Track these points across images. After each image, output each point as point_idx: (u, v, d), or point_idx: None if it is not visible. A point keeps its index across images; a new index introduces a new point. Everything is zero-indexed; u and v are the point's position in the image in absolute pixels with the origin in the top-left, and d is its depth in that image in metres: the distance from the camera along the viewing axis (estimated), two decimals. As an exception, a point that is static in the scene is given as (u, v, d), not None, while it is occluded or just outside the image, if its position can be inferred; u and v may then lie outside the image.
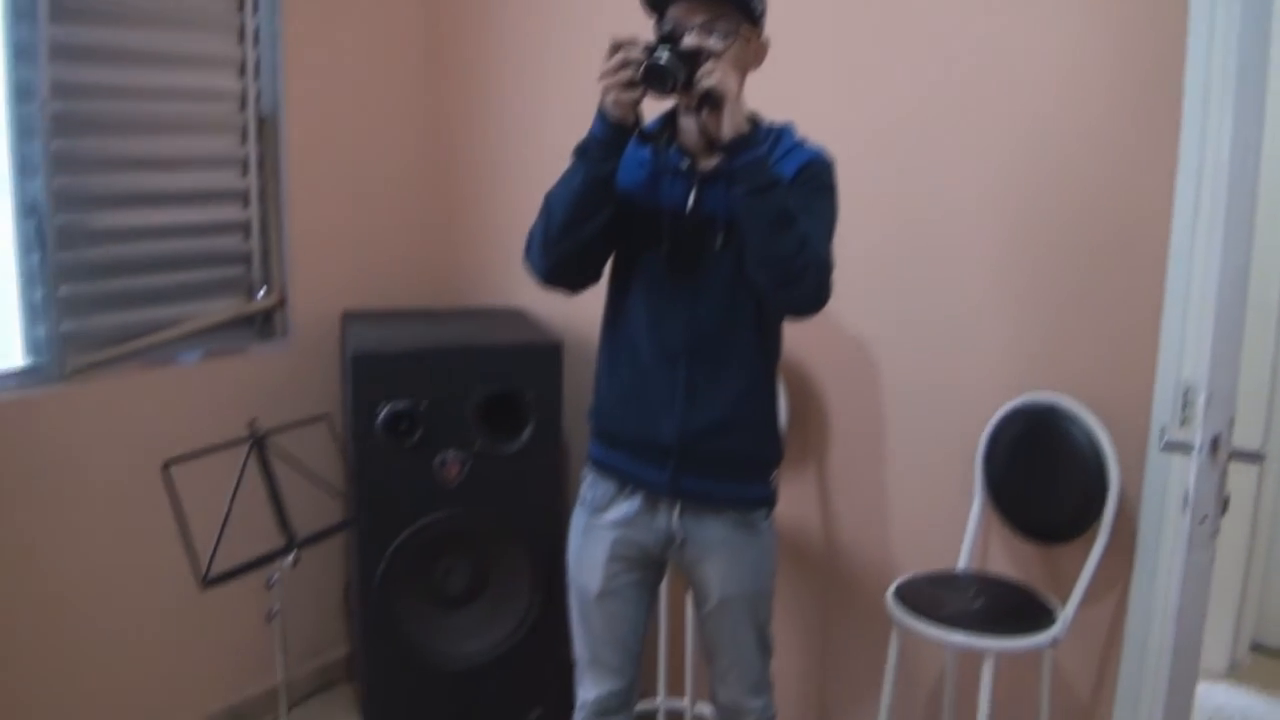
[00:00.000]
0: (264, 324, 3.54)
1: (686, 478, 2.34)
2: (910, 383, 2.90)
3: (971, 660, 2.69)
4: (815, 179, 2.24)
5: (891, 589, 2.63)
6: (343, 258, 3.67)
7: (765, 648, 2.50)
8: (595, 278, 2.37)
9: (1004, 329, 2.74)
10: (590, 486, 2.48)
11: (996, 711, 2.58)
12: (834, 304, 2.23)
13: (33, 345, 3.02)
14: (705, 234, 2.26)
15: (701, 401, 2.31)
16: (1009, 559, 2.79)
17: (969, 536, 2.77)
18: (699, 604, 2.47)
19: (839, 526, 3.06)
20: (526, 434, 3.15)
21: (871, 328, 2.94)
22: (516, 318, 3.54)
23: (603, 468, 2.45)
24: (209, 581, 2.50)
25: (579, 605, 2.52)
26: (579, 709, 2.59)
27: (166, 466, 2.52)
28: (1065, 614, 2.53)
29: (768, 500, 2.43)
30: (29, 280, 2.99)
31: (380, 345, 3.12)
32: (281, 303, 3.51)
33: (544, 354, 3.17)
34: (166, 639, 3.35)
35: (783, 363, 2.47)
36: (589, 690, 2.56)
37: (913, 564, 2.87)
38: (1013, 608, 2.58)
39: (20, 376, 3.00)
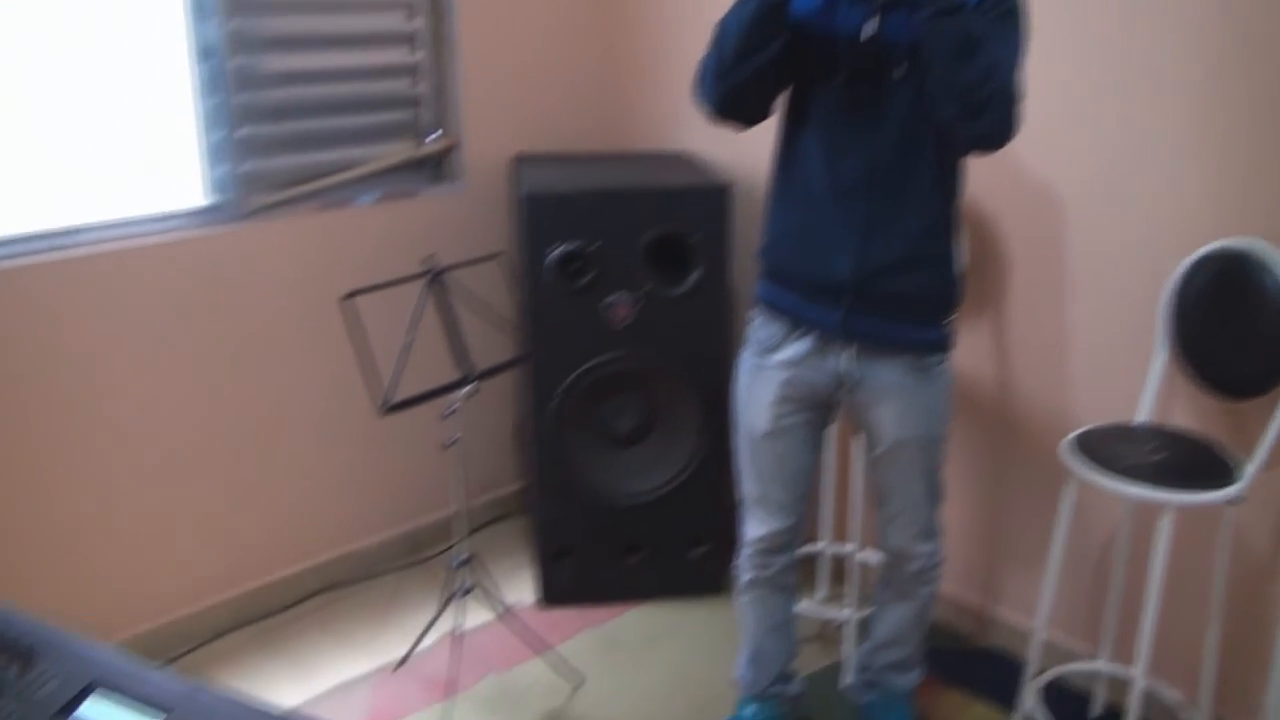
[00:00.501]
0: (437, 168, 3.59)
1: (860, 319, 2.30)
2: (1096, 227, 2.78)
3: (1147, 516, 2.62)
4: (1003, 2, 2.13)
5: (1068, 440, 2.57)
6: (514, 102, 3.67)
7: (935, 493, 2.48)
8: (766, 112, 2.32)
9: (1202, 170, 2.59)
10: (760, 327, 2.46)
11: (1171, 571, 2.52)
12: (1018, 140, 2.14)
13: (214, 185, 3.14)
14: (885, 63, 2.18)
15: (878, 239, 2.26)
16: (1191, 413, 2.69)
17: (1150, 389, 2.67)
18: (870, 447, 2.46)
19: (1014, 376, 2.99)
20: (694, 276, 3.14)
21: (1057, 167, 2.81)
22: (684, 161, 3.51)
23: (773, 308, 2.43)
24: (389, 408, 2.59)
25: (747, 444, 2.53)
26: (744, 546, 2.63)
27: (349, 297, 2.60)
28: (1248, 472, 2.43)
29: (943, 344, 2.38)
30: (209, 122, 3.10)
31: (552, 186, 3.14)
32: (453, 146, 3.55)
33: (712, 196, 3.14)
34: (347, 467, 3.51)
35: (961, 204, 2.38)
36: (755, 528, 2.59)
37: (1090, 416, 2.79)
38: (1193, 463, 2.49)
39: (203, 215, 3.13)
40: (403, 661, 3.07)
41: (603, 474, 3.31)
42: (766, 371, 2.44)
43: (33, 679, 1.46)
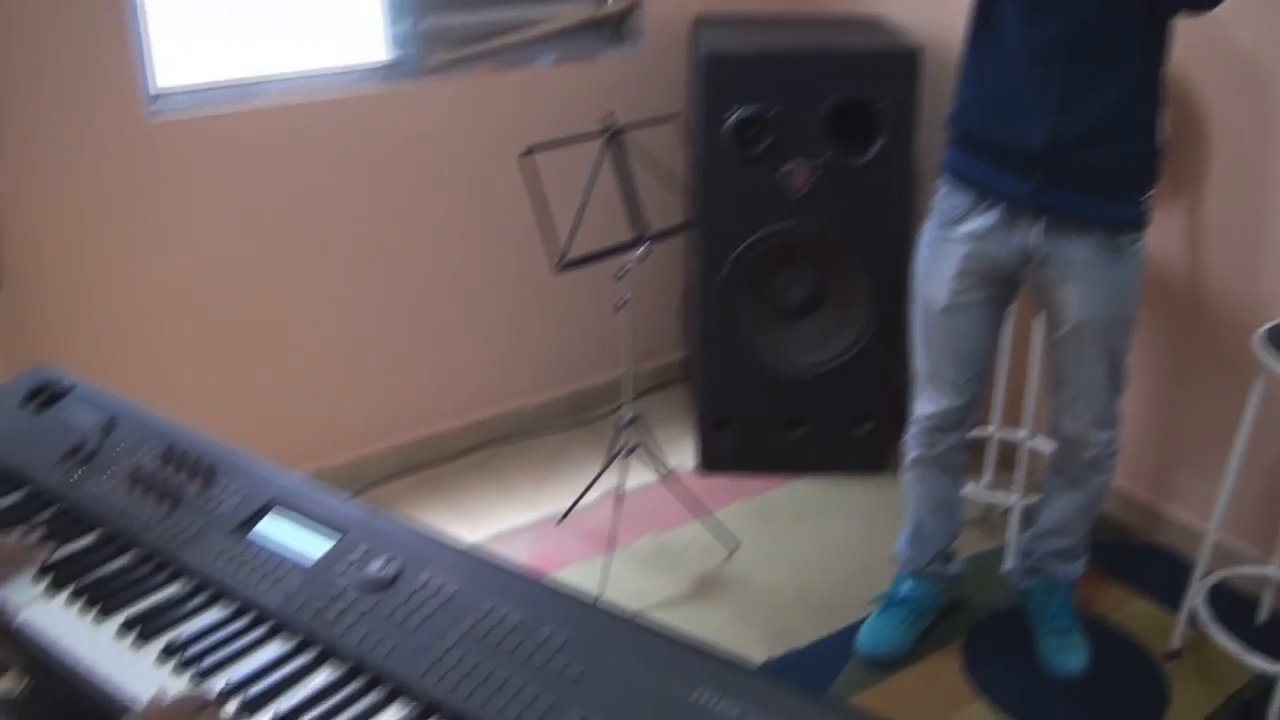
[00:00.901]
0: (616, 28, 3.53)
1: (1052, 191, 2.19)
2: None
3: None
4: None
5: (1261, 331, 2.42)
6: (696, -40, 3.57)
7: (1117, 379, 2.38)
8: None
9: None
10: (945, 197, 2.37)
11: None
12: (1228, 8, 1.97)
13: (395, 41, 3.16)
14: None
15: (1076, 107, 2.13)
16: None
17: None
18: (1051, 328, 2.37)
19: (1207, 262, 2.82)
20: (877, 145, 3.04)
21: (1268, 42, 2.60)
22: (874, 25, 3.37)
23: (961, 177, 2.33)
24: (564, 266, 2.59)
25: (923, 318, 2.46)
26: (913, 422, 2.58)
27: (527, 153, 2.59)
28: None
29: (1138, 222, 2.26)
30: (393, -25, 3.11)
31: (732, 48, 3.05)
32: (634, 7, 3.48)
33: (901, 61, 3.01)
34: (518, 325, 3.56)
35: (1166, 72, 2.22)
36: (925, 405, 2.53)
37: (1289, 309, 2.63)
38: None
39: (383, 71, 3.15)
40: (565, 515, 3.14)
41: (769, 345, 3.27)
42: (949, 244, 2.36)
43: (213, 496, 1.52)
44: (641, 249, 2.73)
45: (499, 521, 3.15)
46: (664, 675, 1.17)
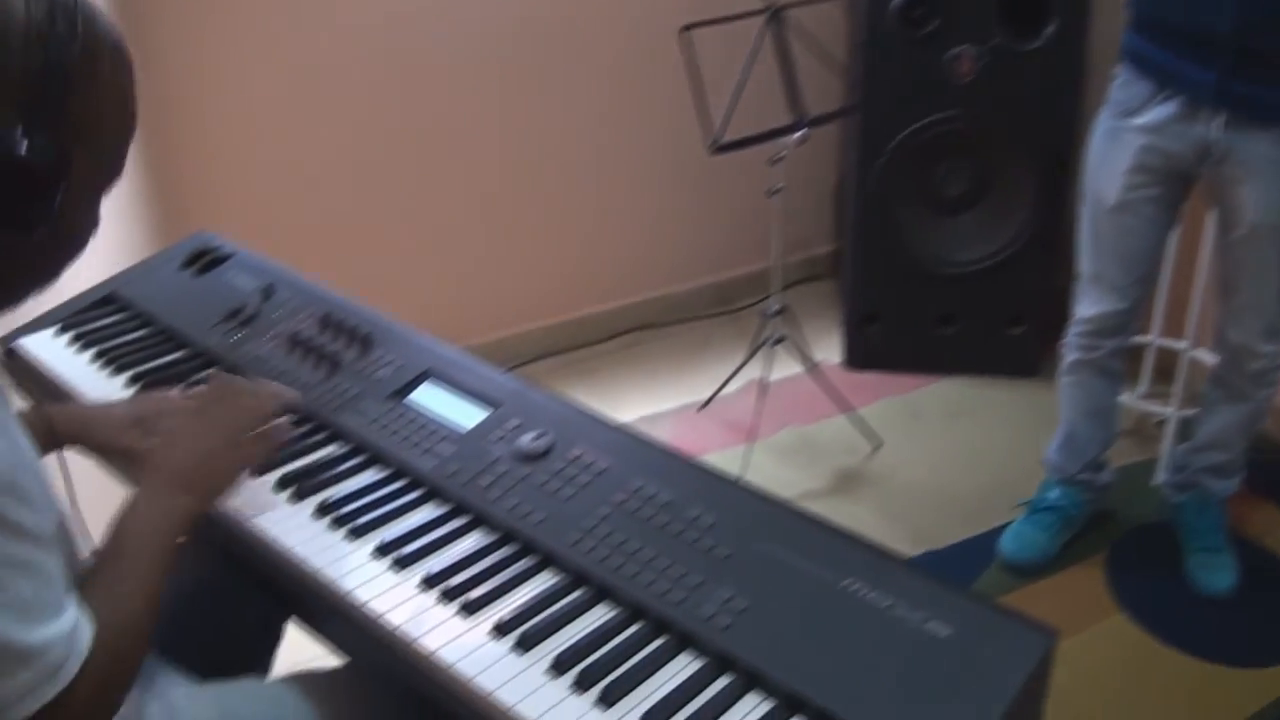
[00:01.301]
0: (780, -97, 3.40)
1: (1238, 81, 2.05)
2: None
3: None
4: None
5: None
6: None
7: (1292, 288, 2.25)
8: None
9: None
10: (1121, 87, 2.24)
11: None
12: None
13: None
14: None
15: (1269, -14, 1.97)
16: None
17: None
18: (1225, 230, 2.24)
19: None
20: (1050, 29, 2.88)
21: None
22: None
23: (1139, 64, 2.19)
24: (719, 148, 2.54)
25: (1091, 216, 2.35)
26: (1074, 325, 2.48)
27: (687, 29, 2.53)
28: None
29: (1332, 118, 2.10)
30: None
31: (902, -76, 2.92)
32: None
33: (1081, -60, 2.84)
34: (668, 210, 3.53)
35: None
36: (1087, 307, 2.43)
37: None
38: None
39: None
40: (708, 402, 3.13)
41: (924, 239, 3.18)
42: (1124, 135, 2.23)
43: (370, 363, 1.54)
44: (799, 134, 2.66)
45: (641, 406, 3.16)
46: (813, 561, 1.15)
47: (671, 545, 1.19)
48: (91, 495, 1.54)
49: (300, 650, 1.53)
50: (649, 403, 3.19)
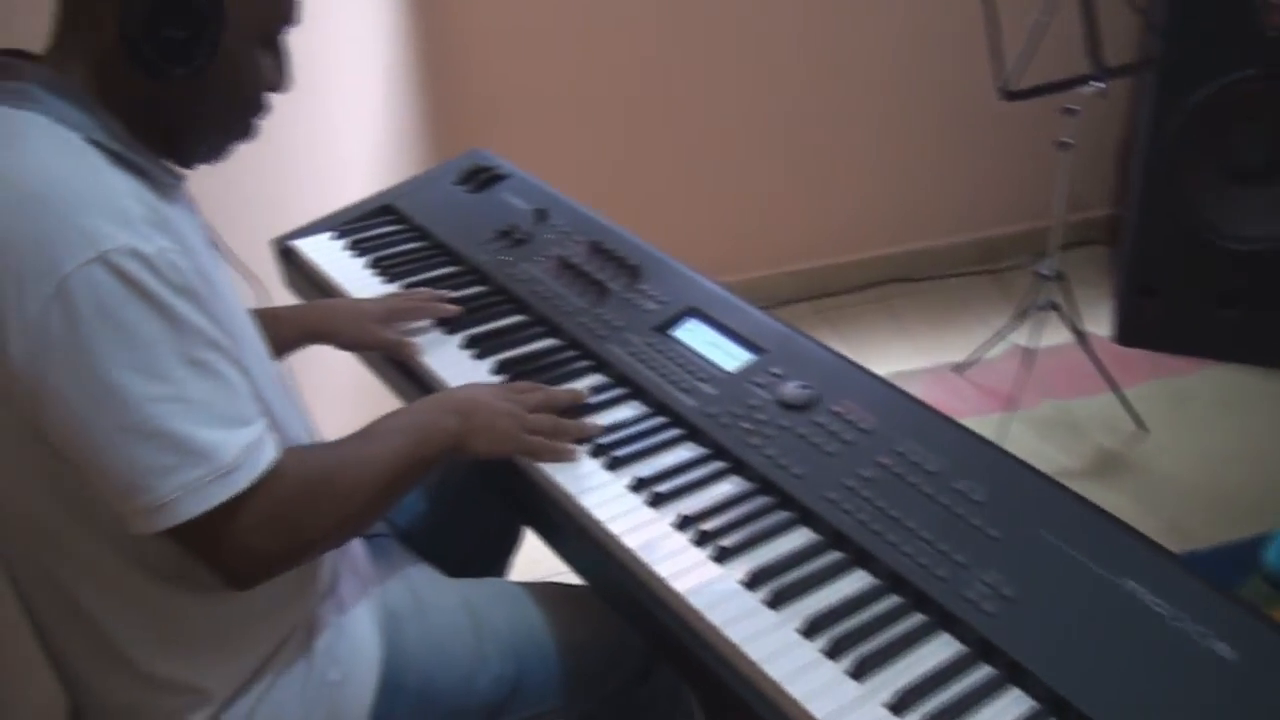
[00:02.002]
0: None
1: None
2: None
3: None
4: None
5: None
6: None
7: None
8: None
9: None
10: None
11: None
12: None
13: None
14: None
15: None
16: None
17: None
18: None
19: None
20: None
21: None
22: None
23: None
24: (1011, 95, 2.40)
25: None
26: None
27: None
28: None
29: None
30: None
31: None
32: None
33: None
34: (939, 157, 3.39)
35: None
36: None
37: None
38: None
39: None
40: (966, 365, 3.01)
41: (1216, 210, 2.91)
42: None
43: (638, 294, 1.52)
44: (1096, 85, 2.48)
45: (893, 362, 3.06)
46: (1091, 555, 1.07)
47: (937, 518, 1.13)
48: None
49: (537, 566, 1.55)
50: (901, 358, 3.08)
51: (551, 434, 1.27)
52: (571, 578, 1.31)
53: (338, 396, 2.09)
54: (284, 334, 1.43)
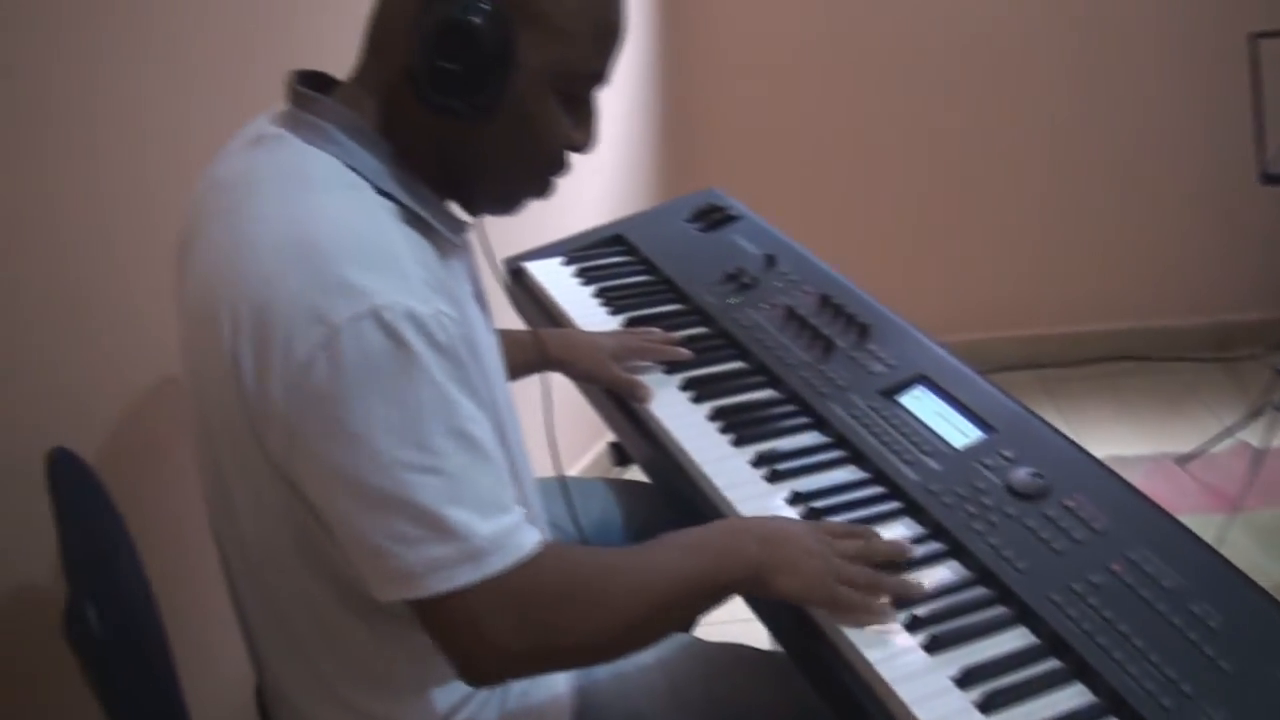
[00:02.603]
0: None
1: None
2: None
3: None
4: None
5: None
6: None
7: None
8: None
9: None
10: None
11: None
12: None
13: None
14: None
15: None
16: None
17: None
18: None
19: None
20: None
21: None
22: None
23: None
24: (1270, 178, 2.28)
25: None
26: None
27: (1254, 37, 2.28)
28: None
29: None
30: None
31: None
32: None
33: None
34: (1187, 232, 3.23)
35: None
36: None
37: None
38: None
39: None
40: (1189, 457, 2.84)
41: None
42: None
43: (865, 353, 1.48)
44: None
45: (1112, 444, 2.91)
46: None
47: (1166, 639, 1.05)
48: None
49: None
50: (1122, 442, 2.93)
51: (866, 589, 1.10)
52: (758, 630, 1.27)
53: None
54: (524, 358, 1.44)
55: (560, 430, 1.41)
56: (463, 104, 0.98)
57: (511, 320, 1.78)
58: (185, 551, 1.35)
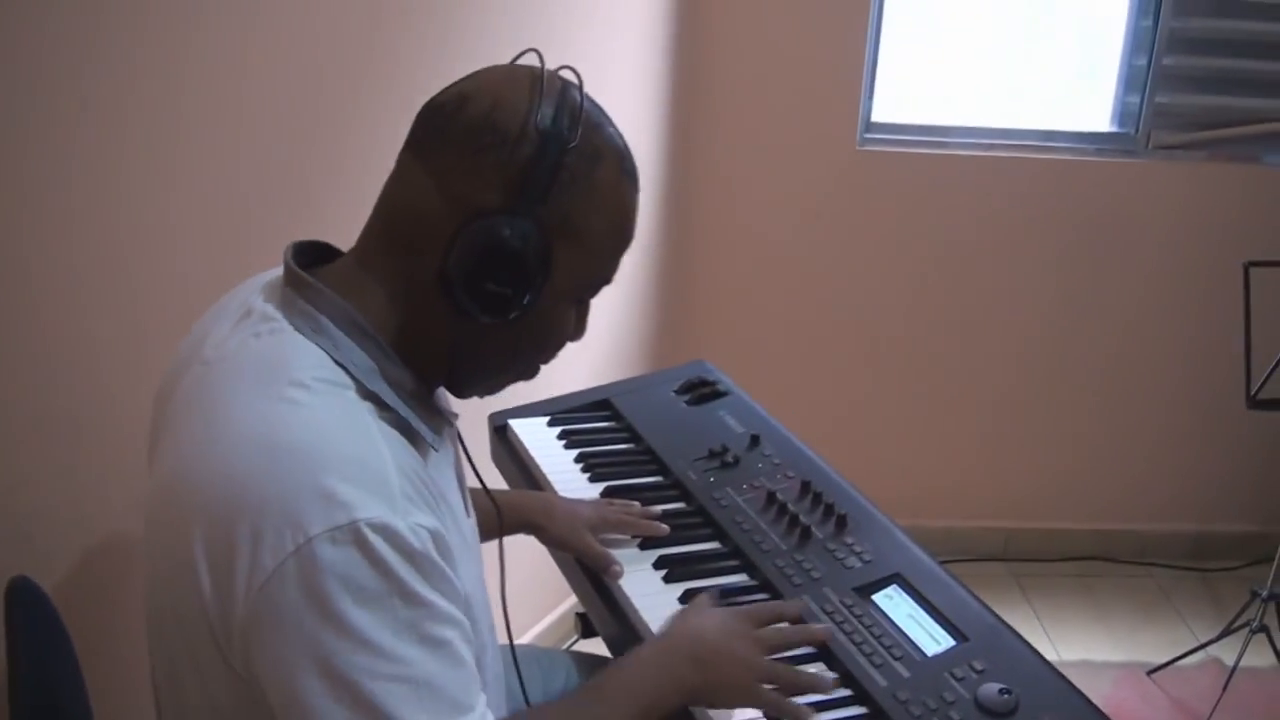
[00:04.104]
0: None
1: None
2: None
3: None
4: None
5: None
6: None
7: None
8: None
9: None
10: None
11: None
12: None
13: (1121, 113, 3.01)
14: None
15: None
16: None
17: None
18: None
19: None
20: None
21: None
22: None
23: None
24: (1257, 404, 2.31)
25: None
26: None
27: (1249, 266, 2.33)
28: None
29: None
30: (1134, 45, 2.95)
31: None
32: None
33: None
34: (1167, 441, 3.25)
35: None
36: None
37: None
38: None
39: (1102, 141, 3.01)
40: (1160, 668, 2.80)
41: None
42: None
43: (842, 545, 1.47)
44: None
45: (1081, 647, 2.89)
46: None
47: None
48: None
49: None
50: (1091, 646, 2.90)
51: (787, 688, 1.19)
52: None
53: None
54: (503, 520, 1.42)
55: (527, 590, 1.39)
56: (490, 318, 1.00)
57: (491, 472, 1.78)
58: (136, 689, 1.32)
